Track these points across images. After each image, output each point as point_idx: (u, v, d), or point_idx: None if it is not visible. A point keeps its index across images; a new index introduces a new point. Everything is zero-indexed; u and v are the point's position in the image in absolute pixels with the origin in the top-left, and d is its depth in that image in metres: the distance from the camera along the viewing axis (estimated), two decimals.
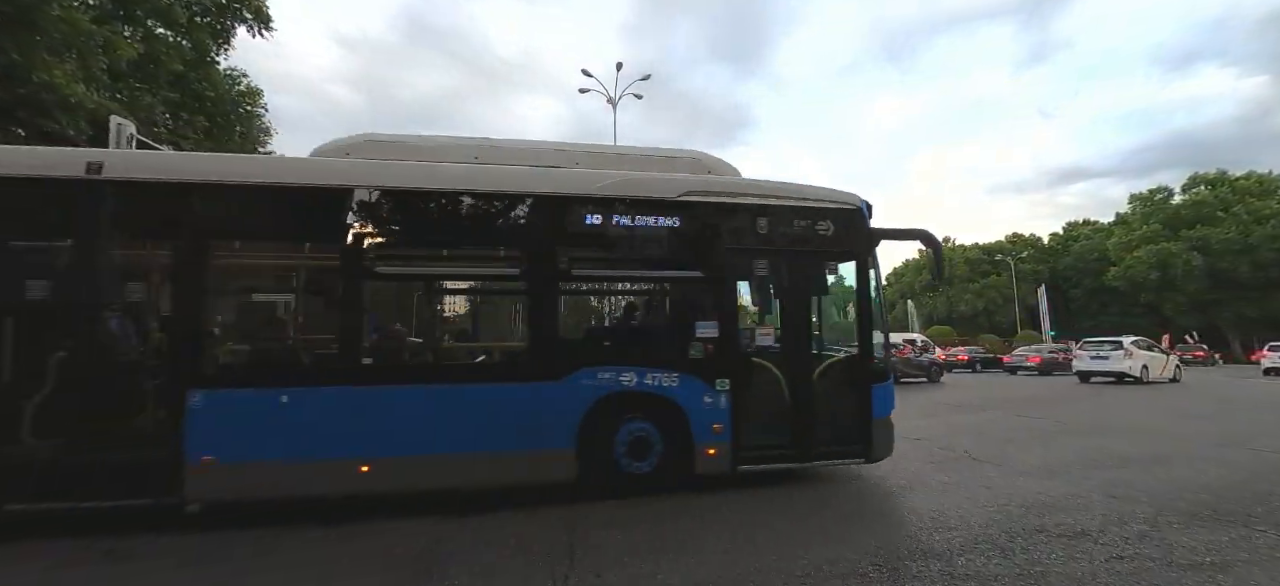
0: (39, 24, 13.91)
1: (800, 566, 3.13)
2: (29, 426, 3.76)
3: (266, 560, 3.42)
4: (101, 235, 4.04)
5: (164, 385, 4.02)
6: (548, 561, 3.27)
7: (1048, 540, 3.50)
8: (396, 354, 4.84)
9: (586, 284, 5.07)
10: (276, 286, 4.77)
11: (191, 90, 20.19)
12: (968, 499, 4.49)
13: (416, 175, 4.53)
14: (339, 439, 4.11)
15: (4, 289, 3.89)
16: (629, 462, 4.59)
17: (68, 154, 4.18)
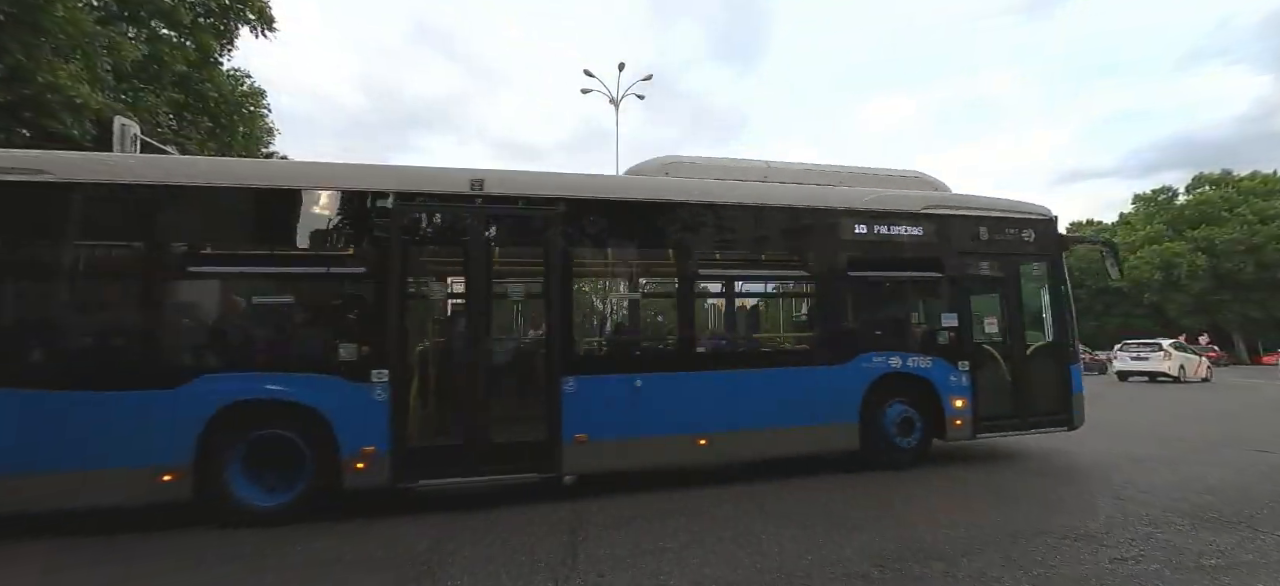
0: (43, 25, 13.99)
1: (802, 566, 3.12)
2: (449, 416, 4.61)
3: (268, 560, 3.43)
4: (485, 245, 4.70)
5: (543, 374, 4.68)
6: (550, 562, 3.26)
7: (1051, 541, 3.48)
8: (724, 344, 5.63)
9: (858, 282, 5.67)
10: (627, 287, 5.44)
11: (195, 91, 20.26)
12: (972, 499, 4.47)
13: (734, 192, 5.35)
14: (683, 417, 4.86)
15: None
16: (898, 437, 5.38)
17: (453, 173, 4.77)
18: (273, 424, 4.09)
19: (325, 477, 4.13)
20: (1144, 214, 49.82)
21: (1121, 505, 4.27)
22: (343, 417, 4.14)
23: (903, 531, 3.71)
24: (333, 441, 4.12)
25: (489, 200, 4.65)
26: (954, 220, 5.82)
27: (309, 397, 4.13)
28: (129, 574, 3.30)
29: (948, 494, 4.68)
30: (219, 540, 3.77)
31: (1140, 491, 4.67)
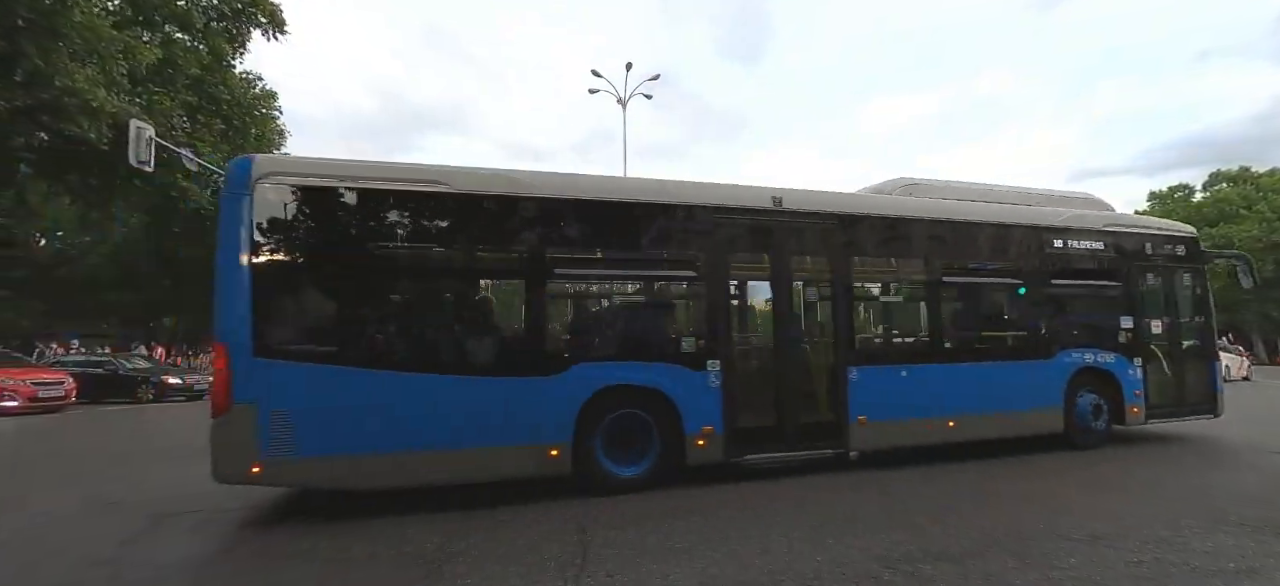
0: (60, 30, 14.24)
1: (811, 567, 3.10)
2: (763, 400, 5.25)
3: (272, 559, 3.46)
4: (784, 252, 5.52)
5: (833, 364, 5.48)
6: (558, 561, 3.27)
7: (1064, 543, 3.44)
8: (966, 341, 6.38)
9: (1060, 288, 6.61)
10: (890, 291, 6.42)
11: (208, 93, 20.54)
12: (981, 499, 4.43)
13: (967, 211, 6.30)
14: (939, 402, 5.71)
15: (717, 298, 5.23)
16: (1091, 422, 6.37)
17: (759, 190, 5.55)
18: (630, 406, 4.77)
19: (672, 453, 4.84)
20: (1160, 213, 49.13)
21: (1137, 507, 4.21)
22: (687, 401, 4.87)
23: (912, 532, 3.68)
24: (679, 421, 4.84)
25: (786, 214, 5.47)
26: (1128, 236, 6.87)
27: (661, 383, 4.84)
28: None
29: (957, 495, 4.63)
30: (254, 535, 3.82)
31: (1158, 493, 4.60)
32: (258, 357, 3.97)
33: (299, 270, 4.43)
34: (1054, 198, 7.14)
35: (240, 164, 4.33)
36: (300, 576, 3.21)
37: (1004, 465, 5.64)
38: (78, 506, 4.68)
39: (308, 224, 4.38)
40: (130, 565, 3.35)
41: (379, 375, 4.25)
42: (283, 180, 4.26)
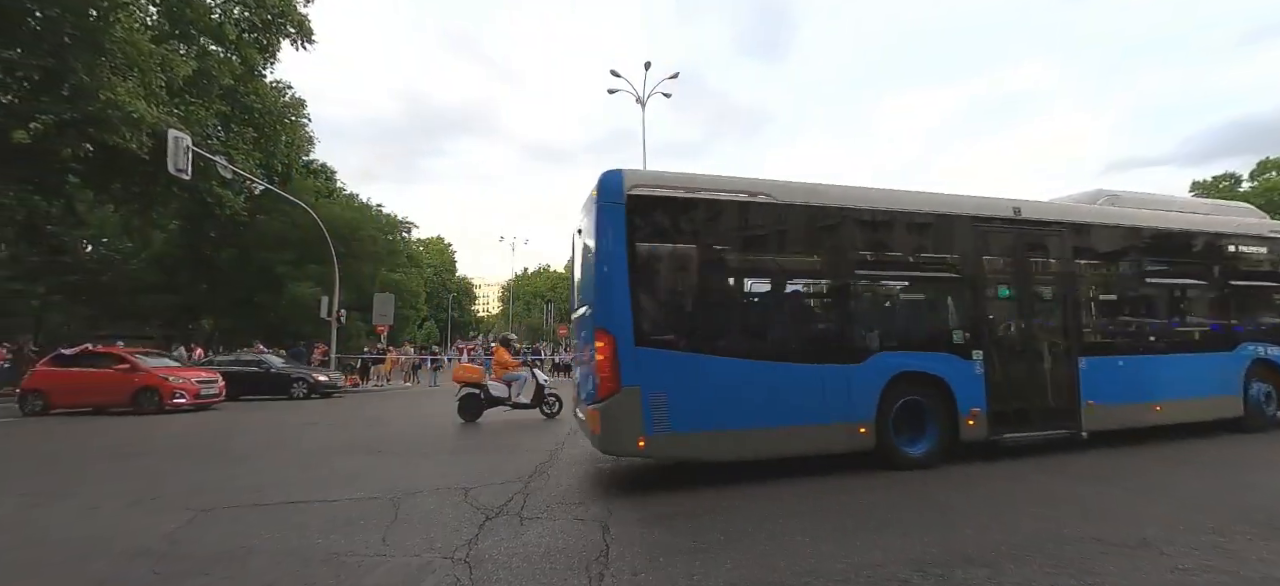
0: (103, 45, 14.87)
1: (838, 569, 3.06)
2: (1013, 385, 5.83)
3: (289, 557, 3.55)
4: (1024, 256, 6.20)
5: (1067, 355, 6.13)
6: (584, 558, 3.29)
7: (1104, 549, 3.32)
8: (1165, 334, 6.97)
9: (1236, 288, 7.31)
10: (1103, 289, 6.96)
11: (241, 103, 21.22)
12: (1018, 502, 4.30)
13: (1160, 219, 7.01)
14: (1146, 389, 6.40)
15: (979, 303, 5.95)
16: (1264, 408, 7.14)
17: (1002, 201, 6.28)
18: (913, 391, 5.38)
19: (947, 432, 5.47)
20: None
21: (1183, 511, 4.04)
22: (960, 386, 5.56)
23: (944, 534, 3.59)
24: (953, 404, 5.52)
25: (1024, 222, 6.18)
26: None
27: (940, 370, 5.54)
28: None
29: (992, 496, 4.51)
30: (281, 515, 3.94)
31: (1203, 497, 4.41)
32: (639, 347, 4.61)
33: (664, 270, 5.07)
34: (1221, 208, 8.01)
35: (612, 177, 4.89)
36: (326, 575, 3.28)
37: (1048, 466, 5.47)
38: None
39: (669, 229, 5.07)
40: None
41: (732, 362, 4.92)
42: (647, 191, 4.89)
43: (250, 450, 7.55)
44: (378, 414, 11.76)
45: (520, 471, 5.61)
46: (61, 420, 11.13)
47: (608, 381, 4.59)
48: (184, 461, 6.75)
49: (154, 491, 5.18)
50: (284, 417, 11.39)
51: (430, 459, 6.58)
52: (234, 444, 8.09)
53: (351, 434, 8.88)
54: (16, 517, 4.49)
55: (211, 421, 10.79)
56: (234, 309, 27.48)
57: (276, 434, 9.14)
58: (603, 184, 4.86)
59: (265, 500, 4.77)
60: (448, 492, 4.86)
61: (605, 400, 4.61)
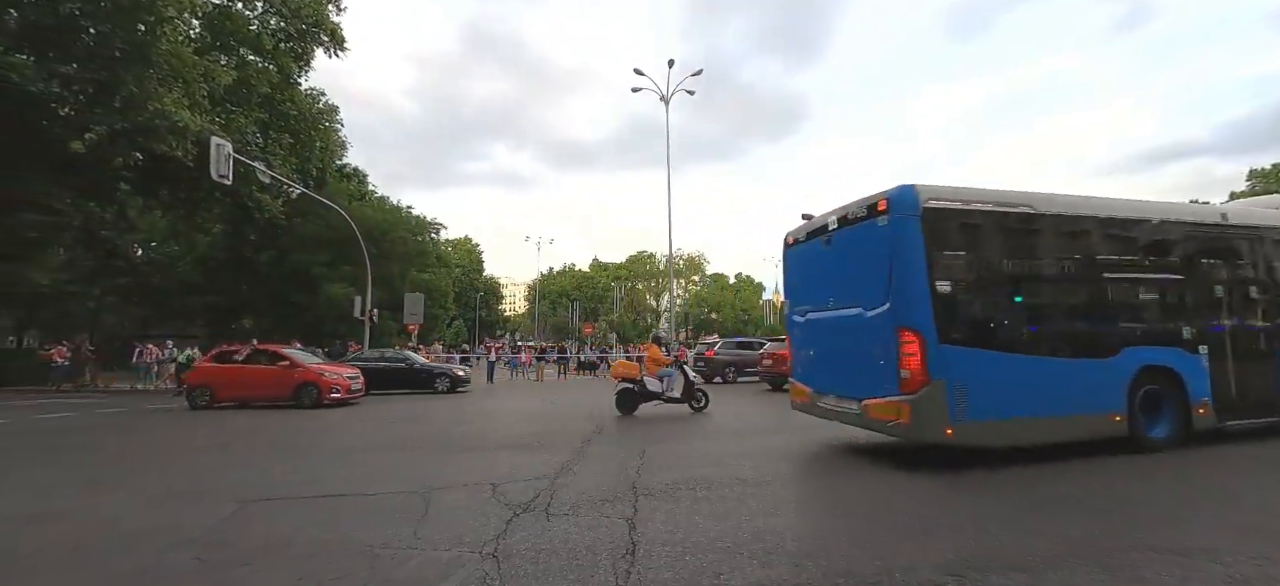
0: (151, 58, 15.61)
1: (871, 571, 2.99)
2: (1232, 377, 6.30)
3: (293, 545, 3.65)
4: (1232, 258, 6.76)
5: (1271, 348, 6.58)
6: (610, 555, 3.30)
7: (1154, 555, 3.16)
8: None
9: None
10: None
11: (278, 110, 22.00)
12: (1061, 504, 4.14)
13: None
14: None
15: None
16: None
17: (1211, 208, 7.03)
18: (1152, 382, 5.87)
19: (1181, 421, 5.97)
20: (1260, 191, 44.37)
21: (1239, 514, 3.82)
22: (1190, 377, 6.06)
23: (981, 538, 3.48)
24: (1186, 394, 6.02)
25: (1232, 227, 6.70)
26: None
27: (1174, 363, 6.02)
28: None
29: (1030, 499, 4.34)
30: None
31: (1263, 502, 4.16)
32: (942, 344, 5.10)
33: (956, 275, 5.49)
34: None
35: (907, 192, 5.38)
36: (332, 567, 3.37)
37: (1092, 469, 5.25)
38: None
39: (957, 238, 5.61)
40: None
41: (1017, 358, 5.46)
42: (938, 204, 5.40)
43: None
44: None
45: (547, 468, 5.67)
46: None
47: (917, 376, 5.09)
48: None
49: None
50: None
51: (458, 455, 6.71)
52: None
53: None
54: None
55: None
56: (273, 308, 28.51)
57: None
58: (899, 198, 5.40)
59: (303, 492, 4.94)
60: (476, 488, 4.95)
61: (915, 393, 5.11)
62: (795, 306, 7.07)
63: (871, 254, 5.57)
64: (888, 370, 5.30)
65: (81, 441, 8.23)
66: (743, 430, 8.26)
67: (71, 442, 8.07)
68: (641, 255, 78.23)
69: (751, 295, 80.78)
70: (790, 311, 7.23)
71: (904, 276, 5.27)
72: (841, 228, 6.07)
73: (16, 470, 6.42)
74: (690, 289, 77.93)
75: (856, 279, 5.82)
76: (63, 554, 3.60)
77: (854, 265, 5.87)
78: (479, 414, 11.17)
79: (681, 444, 7.13)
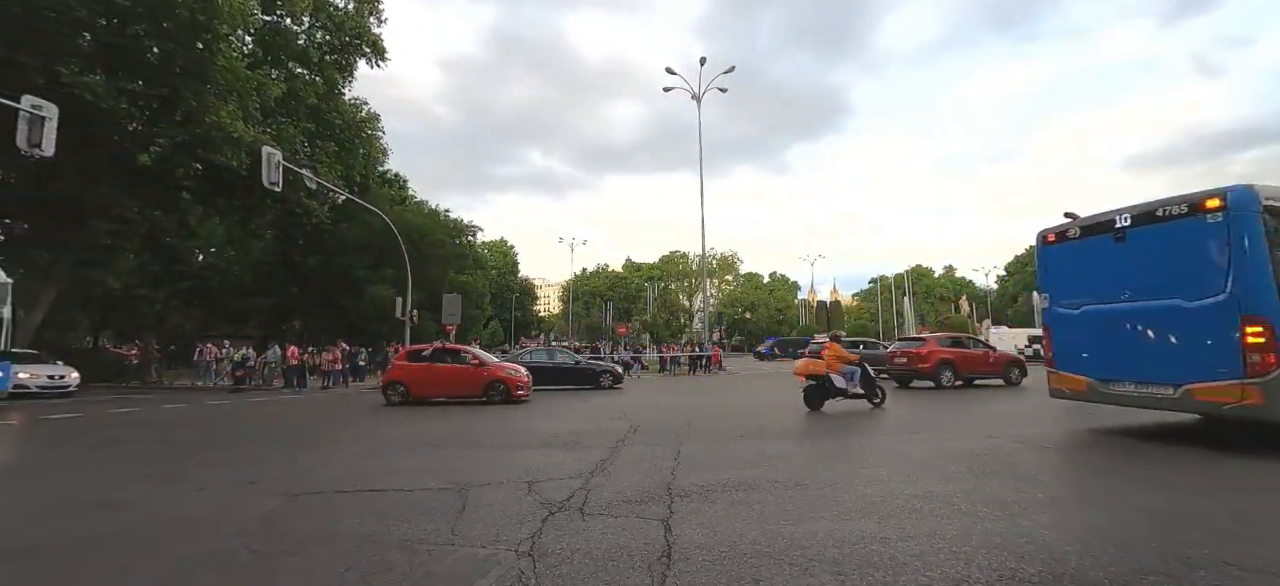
0: (208, 73, 16.53)
1: (918, 582, 2.83)
2: None
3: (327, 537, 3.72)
4: None
5: None
6: (646, 557, 3.24)
7: (1241, 575, 2.88)
8: None
9: None
10: None
11: (324, 120, 22.96)
12: (1129, 513, 3.84)
13: None
14: None
15: None
16: None
17: None
18: None
19: None
20: None
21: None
22: None
23: (1038, 548, 3.25)
24: None
25: None
26: None
27: None
28: None
29: (1092, 505, 4.05)
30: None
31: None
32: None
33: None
34: None
35: (1246, 191, 5.77)
36: (398, 563, 3.42)
37: (1165, 472, 4.88)
38: None
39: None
40: None
41: None
42: (1273, 202, 5.75)
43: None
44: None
45: (581, 467, 5.67)
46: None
47: (1268, 360, 5.42)
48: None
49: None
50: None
51: (494, 452, 6.79)
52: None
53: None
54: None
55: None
56: (321, 310, 29.77)
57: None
58: (1239, 197, 5.77)
59: (347, 486, 5.09)
60: (512, 486, 4.98)
61: (1266, 376, 5.44)
62: (1064, 300, 7.43)
63: (1195, 248, 5.95)
64: (1222, 355, 5.68)
65: (152, 434, 8.74)
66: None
67: (147, 434, 8.58)
68: (674, 255, 78.09)
69: (786, 294, 79.46)
70: (1053, 305, 7.59)
71: (1248, 268, 5.63)
72: (1143, 224, 6.44)
73: (96, 461, 6.87)
74: (723, 288, 77.24)
75: (1172, 271, 6.18)
76: (134, 541, 3.80)
77: (1167, 259, 6.23)
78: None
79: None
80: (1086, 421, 7.93)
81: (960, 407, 11.01)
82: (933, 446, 6.60)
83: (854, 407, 10.50)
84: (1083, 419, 8.12)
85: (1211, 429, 6.93)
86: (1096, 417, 7.95)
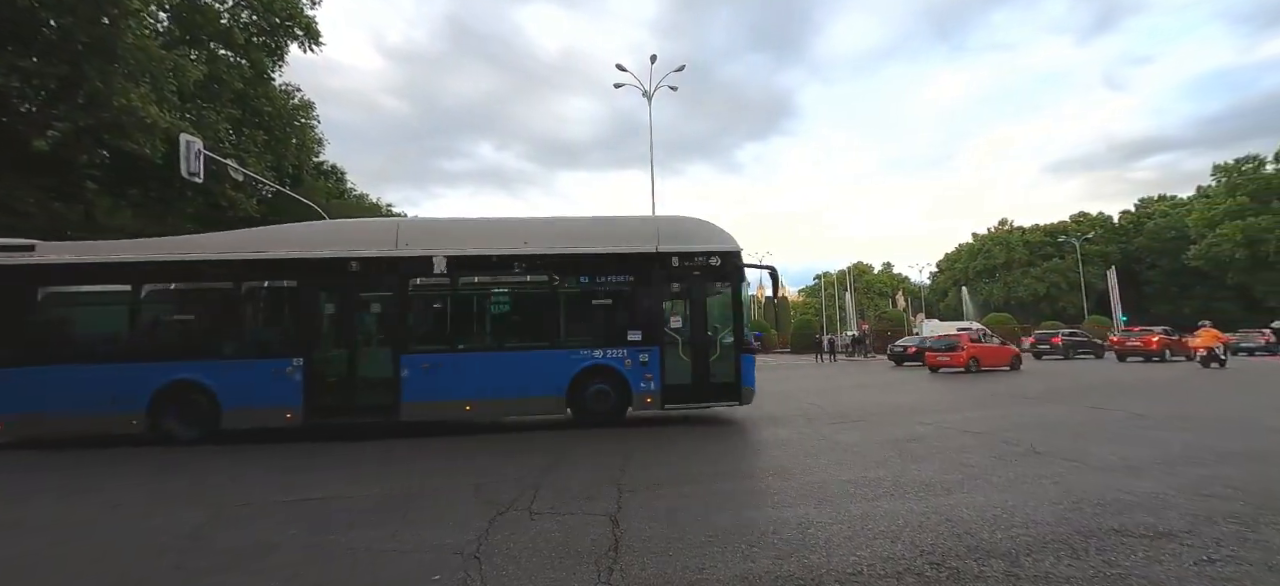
0: (116, 52, 15.09)
1: (850, 563, 3.02)
2: None
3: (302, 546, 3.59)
4: None
5: None
6: (593, 552, 3.28)
7: (1126, 541, 3.25)
8: None
9: None
10: None
11: (251, 107, 21.47)
12: (1035, 496, 4.23)
13: None
14: None
15: None
16: None
17: None
18: None
19: None
20: (1225, 186, 45.85)
21: (1207, 501, 3.94)
22: None
23: (956, 527, 3.54)
24: None
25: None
26: None
27: None
28: None
29: (1004, 487, 4.44)
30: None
31: (1228, 487, 4.30)
32: None
33: None
34: None
35: None
36: (344, 566, 3.31)
37: (1077, 459, 5.38)
38: None
39: None
40: None
41: None
42: None
43: None
44: None
45: (531, 467, 5.63)
46: None
47: None
48: None
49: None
50: None
51: (440, 456, 6.63)
52: None
53: None
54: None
55: None
56: None
57: None
58: None
59: (284, 496, 4.84)
60: (458, 488, 4.89)
61: None
62: None
63: None
64: None
65: (54, 447, 7.95)
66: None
67: (48, 447, 7.79)
68: None
69: None
70: None
71: None
72: None
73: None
74: None
75: None
76: (33, 567, 3.47)
77: None
78: None
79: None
80: (1016, 403, 8.60)
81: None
82: (865, 435, 6.98)
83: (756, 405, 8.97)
84: (1016, 403, 8.80)
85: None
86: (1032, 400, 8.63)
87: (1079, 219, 58.18)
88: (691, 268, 8.18)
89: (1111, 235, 56.24)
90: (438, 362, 7.63)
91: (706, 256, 8.21)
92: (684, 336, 8.10)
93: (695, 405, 8.13)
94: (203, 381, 7.34)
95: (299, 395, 7.39)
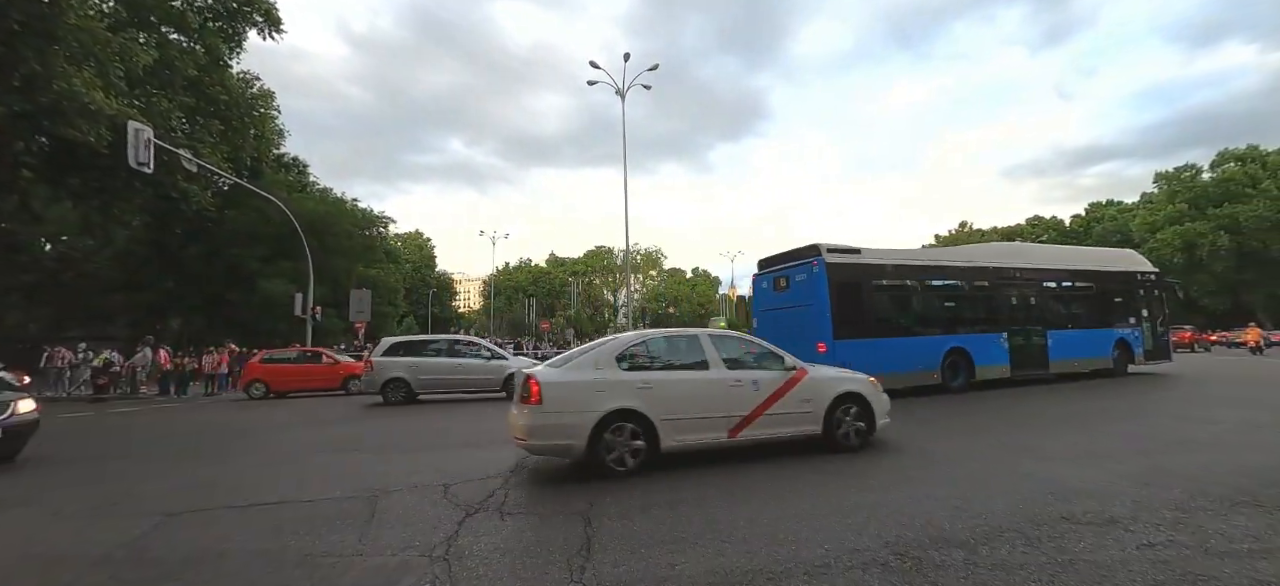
0: (56, 33, 14.17)
1: (818, 556, 3.08)
2: None
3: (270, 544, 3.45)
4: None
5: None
6: (565, 551, 3.26)
7: (1076, 528, 3.40)
8: None
9: None
10: None
11: (206, 94, 20.49)
12: (992, 486, 4.39)
13: None
14: None
15: None
16: None
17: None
18: None
19: None
20: (1166, 193, 48.60)
21: (1148, 489, 4.17)
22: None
23: (918, 519, 3.65)
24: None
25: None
26: None
27: None
28: None
29: (960, 480, 4.60)
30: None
31: (1169, 475, 4.56)
32: None
33: None
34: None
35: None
36: (301, 578, 3.19)
37: (1027, 448, 5.60)
38: None
39: None
40: None
41: None
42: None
43: None
44: None
45: (502, 467, 5.55)
46: None
47: None
48: None
49: None
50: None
51: (406, 456, 6.47)
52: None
53: None
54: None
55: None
56: (204, 307, 26.66)
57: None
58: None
59: (237, 500, 4.63)
60: (426, 490, 4.78)
61: None
62: None
63: None
64: None
65: None
66: None
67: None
68: (599, 250, 77.99)
69: (707, 289, 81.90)
70: None
71: None
72: None
73: None
74: (647, 283, 78.26)
75: None
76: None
77: None
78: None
79: None
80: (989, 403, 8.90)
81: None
82: None
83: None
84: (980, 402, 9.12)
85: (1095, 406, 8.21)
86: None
87: (1034, 221, 60.86)
88: (1146, 282, 13.88)
89: (1064, 238, 58.90)
90: (1060, 338, 12.05)
91: (1149, 275, 13.96)
92: (1144, 322, 13.41)
93: (1152, 365, 13.55)
94: (967, 349, 10.97)
95: (1006, 358, 11.42)
